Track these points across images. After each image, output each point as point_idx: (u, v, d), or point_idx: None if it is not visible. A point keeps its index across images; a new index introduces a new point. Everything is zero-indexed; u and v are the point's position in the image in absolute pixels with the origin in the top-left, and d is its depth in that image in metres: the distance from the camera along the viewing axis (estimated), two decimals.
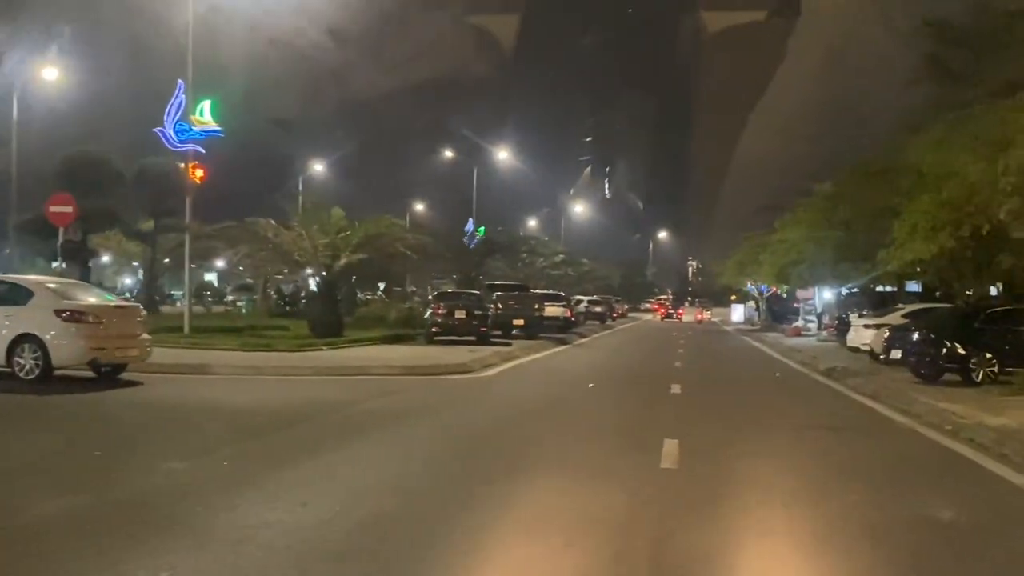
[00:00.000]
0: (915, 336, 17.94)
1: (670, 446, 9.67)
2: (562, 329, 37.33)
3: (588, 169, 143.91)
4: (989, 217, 14.61)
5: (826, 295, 42.90)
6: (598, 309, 56.45)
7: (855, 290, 31.73)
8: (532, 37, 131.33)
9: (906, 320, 22.74)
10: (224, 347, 20.87)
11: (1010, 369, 17.04)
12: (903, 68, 23.56)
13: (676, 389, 16.30)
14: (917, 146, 16.75)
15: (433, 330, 26.41)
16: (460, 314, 26.32)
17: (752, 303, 64.05)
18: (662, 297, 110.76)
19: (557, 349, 28.97)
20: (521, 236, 49.72)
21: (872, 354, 23.65)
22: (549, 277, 56.35)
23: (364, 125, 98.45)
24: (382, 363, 18.41)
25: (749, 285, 57.33)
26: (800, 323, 43.22)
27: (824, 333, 38.83)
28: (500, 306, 30.86)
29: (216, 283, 66.94)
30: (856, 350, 24.67)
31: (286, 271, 36.29)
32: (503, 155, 60.15)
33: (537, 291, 39.43)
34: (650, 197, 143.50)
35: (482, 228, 50.13)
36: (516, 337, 30.90)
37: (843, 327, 29.03)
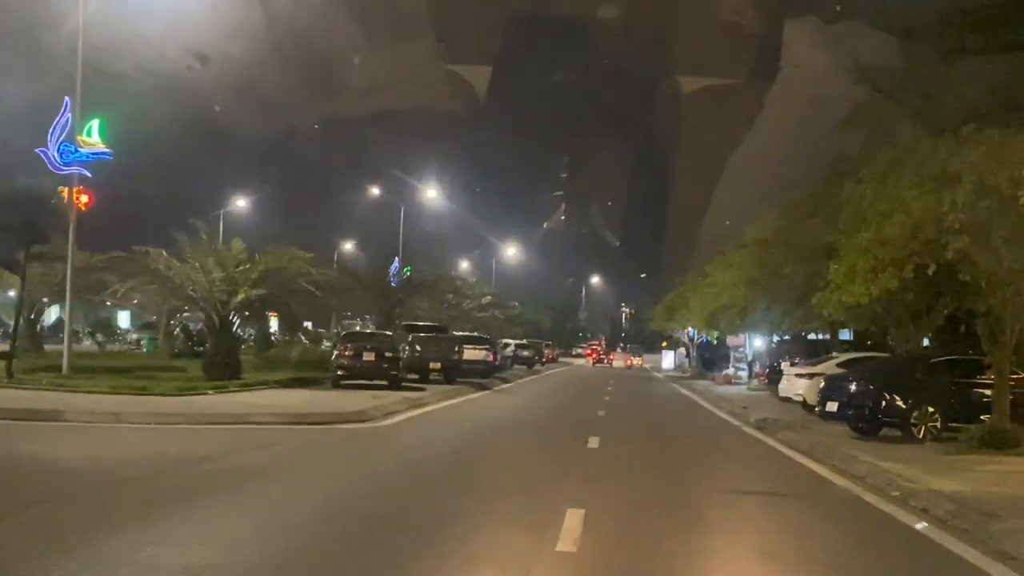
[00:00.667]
0: (852, 387, 16.57)
1: (573, 519, 7.92)
2: (485, 374, 35.54)
3: (563, 206, 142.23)
4: (935, 257, 13.28)
5: (757, 342, 41.89)
6: (526, 353, 54.79)
7: (787, 337, 30.55)
8: (506, 84, 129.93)
9: (842, 369, 21.53)
10: (94, 390, 18.58)
11: (954, 425, 15.78)
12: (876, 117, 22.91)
13: (594, 443, 14.58)
14: (857, 181, 15.49)
15: (339, 373, 24.37)
16: (368, 356, 24.34)
17: (682, 350, 63.06)
18: (594, 343, 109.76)
19: (475, 395, 27.13)
20: (445, 276, 47.78)
21: (805, 405, 22.37)
22: (476, 319, 54.53)
23: (308, 156, 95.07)
24: (269, 410, 16.36)
25: (680, 331, 56.27)
26: (730, 371, 42.09)
27: (755, 381, 37.67)
28: (416, 348, 28.94)
29: (128, 320, 63.57)
30: (788, 400, 23.36)
31: (199, 308, 33.74)
32: (431, 194, 58.53)
33: (459, 333, 37.59)
34: (626, 237, 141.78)
35: (407, 268, 48.27)
36: (434, 382, 29.03)
37: (775, 376, 27.77)
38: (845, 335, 30.60)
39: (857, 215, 15.25)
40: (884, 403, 15.92)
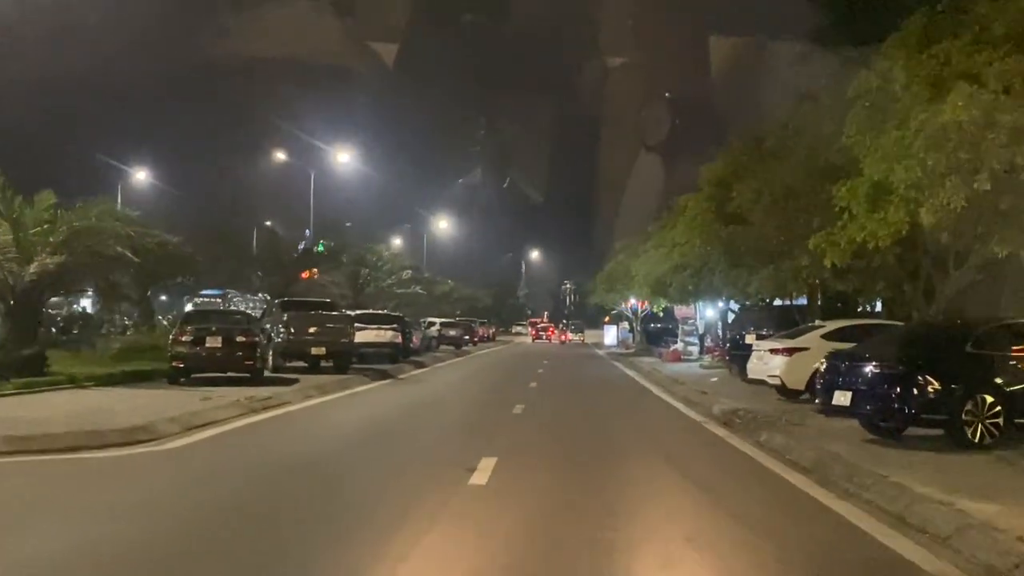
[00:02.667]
0: (870, 369, 11.25)
1: None
2: (394, 358, 29.88)
3: (479, 165, 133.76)
4: None
5: (709, 312, 36.84)
6: (453, 333, 49.16)
7: (747, 304, 25.29)
8: (413, 61, 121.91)
9: (832, 343, 16.44)
10: None
11: (1021, 421, 10.67)
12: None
13: (483, 472, 9.06)
14: (880, 59, 10.20)
15: (176, 365, 18.49)
16: (214, 342, 18.45)
17: (626, 324, 57.96)
18: (534, 320, 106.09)
19: (366, 387, 21.49)
20: (352, 247, 41.81)
21: (783, 389, 17.26)
22: (400, 297, 48.77)
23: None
24: None
25: (622, 304, 51.07)
26: (680, 346, 36.92)
27: (708, 358, 32.61)
28: (293, 330, 23.09)
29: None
30: (760, 383, 18.10)
31: None
32: (344, 158, 52.42)
33: (363, 311, 31.94)
34: (550, 194, 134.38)
35: (321, 244, 42.58)
36: (325, 371, 23.35)
37: (738, 351, 22.55)
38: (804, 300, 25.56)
39: (881, 108, 9.93)
40: (917, 391, 10.62)
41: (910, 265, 13.82)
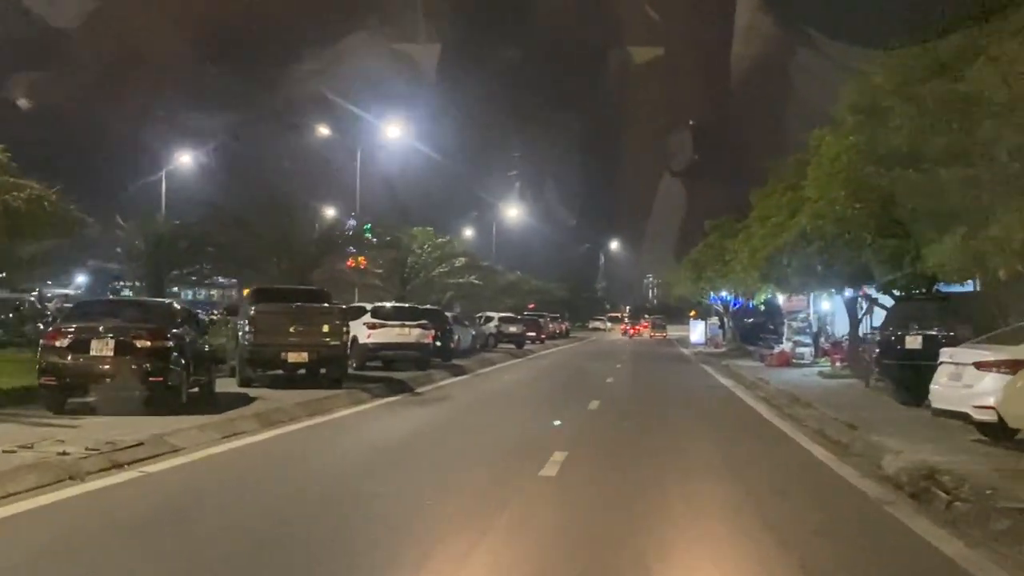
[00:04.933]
0: None
1: None
2: (422, 363, 23.58)
3: (518, 185, 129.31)
4: None
5: (824, 304, 29.60)
6: (513, 329, 42.54)
7: (894, 294, 17.97)
8: (455, 64, 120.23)
9: None
10: None
11: None
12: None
13: None
14: None
15: (47, 382, 12.30)
16: (103, 349, 12.18)
17: (715, 319, 50.56)
18: (613, 314, 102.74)
19: (354, 410, 15.20)
20: (394, 232, 35.73)
21: (997, 427, 10.32)
22: (455, 289, 42.44)
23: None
24: None
25: (712, 296, 43.75)
26: (788, 346, 29.55)
27: (827, 362, 25.45)
28: (262, 329, 16.74)
29: None
30: (959, 416, 11.05)
31: None
32: (394, 132, 46.34)
33: (381, 304, 25.84)
34: (583, 213, 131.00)
35: (368, 226, 36.85)
36: (318, 383, 17.11)
37: (894, 359, 15.41)
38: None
39: None
40: None
41: None
